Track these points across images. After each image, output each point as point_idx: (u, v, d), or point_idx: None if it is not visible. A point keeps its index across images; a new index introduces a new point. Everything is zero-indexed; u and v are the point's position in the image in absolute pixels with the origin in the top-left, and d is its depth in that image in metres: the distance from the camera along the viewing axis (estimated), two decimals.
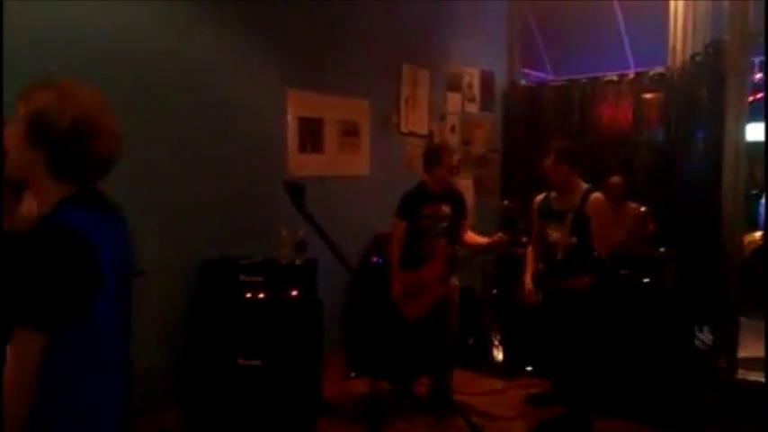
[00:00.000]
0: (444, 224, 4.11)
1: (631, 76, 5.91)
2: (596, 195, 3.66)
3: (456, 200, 4.20)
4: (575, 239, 3.51)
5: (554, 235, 3.68)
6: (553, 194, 3.81)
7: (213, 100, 4.11)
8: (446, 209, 4.11)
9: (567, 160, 3.67)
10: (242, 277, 3.85)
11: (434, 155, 4.15)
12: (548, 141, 6.11)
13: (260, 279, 3.84)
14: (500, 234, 4.05)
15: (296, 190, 2.08)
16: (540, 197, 3.91)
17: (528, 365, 4.79)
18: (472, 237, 4.18)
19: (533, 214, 3.95)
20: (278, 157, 4.53)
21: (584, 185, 3.71)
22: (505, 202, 5.59)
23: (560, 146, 3.79)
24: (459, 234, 4.15)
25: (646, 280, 4.06)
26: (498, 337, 4.98)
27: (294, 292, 3.87)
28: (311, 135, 4.74)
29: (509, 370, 4.79)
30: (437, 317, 4.03)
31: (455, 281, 4.19)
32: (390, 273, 4.13)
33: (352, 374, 4.73)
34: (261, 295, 3.83)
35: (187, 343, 3.87)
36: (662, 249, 4.44)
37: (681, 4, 5.38)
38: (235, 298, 3.83)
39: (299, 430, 3.78)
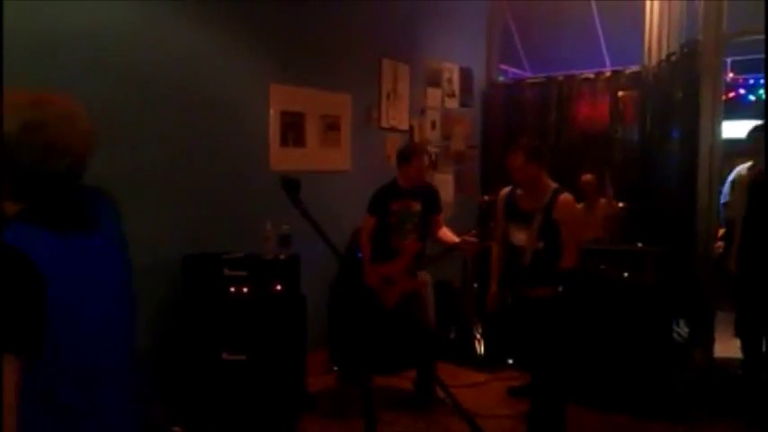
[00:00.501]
0: (414, 220, 4.13)
1: (608, 74, 6.01)
2: (565, 196, 3.50)
3: (428, 197, 4.21)
4: (541, 244, 3.43)
5: (519, 237, 3.57)
6: (519, 191, 3.62)
7: (197, 94, 4.07)
8: (416, 206, 4.14)
9: (537, 158, 3.49)
10: (226, 272, 3.83)
11: (405, 154, 4.18)
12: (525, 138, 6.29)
13: (244, 274, 3.82)
14: (470, 236, 4.01)
15: (292, 185, 2.08)
16: (504, 191, 3.75)
17: (509, 358, 4.86)
18: (445, 234, 4.18)
19: (498, 209, 3.83)
20: (260, 152, 4.50)
21: (553, 185, 3.55)
22: (485, 198, 5.64)
23: (529, 144, 3.63)
24: (432, 230, 4.18)
25: (625, 275, 4.14)
26: (480, 330, 5.03)
27: (278, 287, 3.86)
28: (293, 129, 4.72)
29: (491, 363, 4.85)
30: (407, 311, 4.05)
31: (425, 276, 4.21)
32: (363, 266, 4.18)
33: (335, 369, 4.73)
34: (245, 290, 3.81)
35: (171, 336, 3.83)
36: (639, 245, 4.53)
37: (656, 5, 5.49)
38: (219, 293, 3.80)
39: (284, 424, 3.78)
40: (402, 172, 4.16)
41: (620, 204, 5.01)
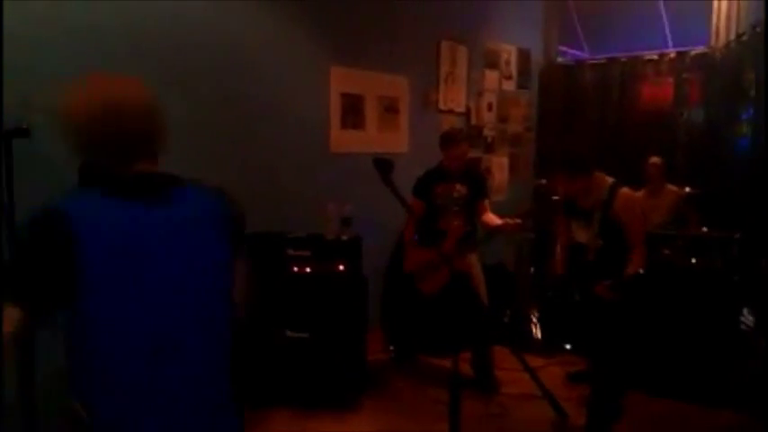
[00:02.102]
0: (459, 203, 4.13)
1: (672, 55, 5.84)
2: (624, 191, 3.42)
3: (474, 180, 4.21)
4: (601, 242, 3.37)
5: (580, 235, 3.55)
6: None
7: (258, 77, 4.13)
8: (461, 189, 4.13)
9: (582, 170, 3.39)
10: (289, 251, 3.90)
11: (445, 140, 4.17)
12: (583, 121, 6.18)
13: (307, 253, 3.88)
14: (516, 219, 4.00)
15: (384, 165, 2.10)
16: (562, 192, 3.71)
17: (566, 343, 4.82)
18: (490, 218, 4.15)
19: (558, 206, 3.78)
20: (321, 134, 4.55)
21: (609, 180, 3.46)
22: (542, 181, 5.57)
23: (571, 157, 3.50)
24: (479, 213, 4.16)
25: (693, 261, 4.04)
26: (536, 314, 5.01)
27: (341, 267, 3.91)
28: (352, 111, 4.75)
29: (548, 347, 4.81)
30: (455, 293, 4.05)
31: (473, 258, 4.19)
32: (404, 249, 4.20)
33: (391, 348, 4.78)
34: (308, 269, 3.88)
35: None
36: (704, 229, 4.41)
37: None
38: (282, 271, 3.88)
39: (345, 401, 3.84)
40: (444, 155, 4.17)
41: (687, 189, 4.87)
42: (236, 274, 1.55)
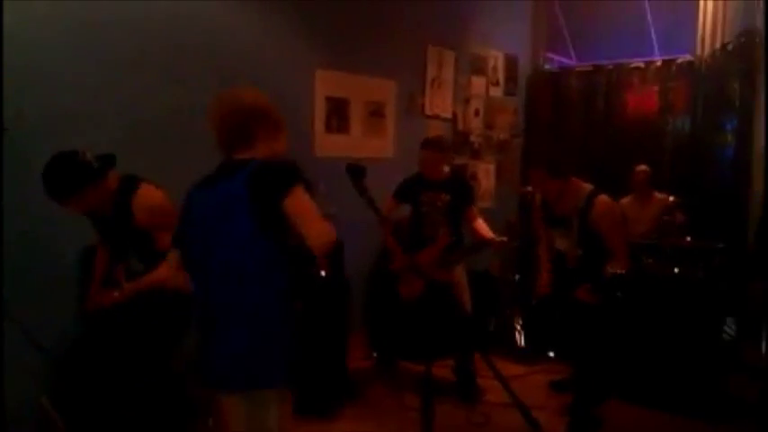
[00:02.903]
0: (443, 212, 4.10)
1: (658, 63, 5.85)
2: (602, 198, 3.37)
3: (457, 188, 4.16)
4: (580, 251, 3.35)
5: (560, 242, 3.53)
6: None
7: (243, 79, 4.07)
8: (445, 197, 4.10)
9: (558, 174, 3.38)
10: None
11: (422, 144, 4.13)
12: (570, 128, 6.18)
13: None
14: (502, 238, 4.01)
15: (357, 172, 2.07)
16: (539, 196, 3.69)
17: (550, 351, 4.80)
18: (480, 227, 4.10)
19: (536, 213, 3.75)
20: (305, 137, 4.51)
21: (586, 187, 3.43)
22: (527, 188, 5.55)
23: (549, 158, 3.50)
24: (468, 220, 4.12)
25: (675, 270, 4.03)
26: (520, 322, 4.98)
27: (321, 272, 3.85)
28: (337, 115, 4.72)
29: (531, 355, 4.79)
30: (435, 301, 4.01)
31: (459, 268, 4.15)
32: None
33: (374, 355, 4.74)
34: None
35: None
36: (688, 239, 4.41)
37: None
38: None
39: (325, 410, 3.79)
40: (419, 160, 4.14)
41: (672, 198, 4.87)
42: (290, 214, 1.91)
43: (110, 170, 2.61)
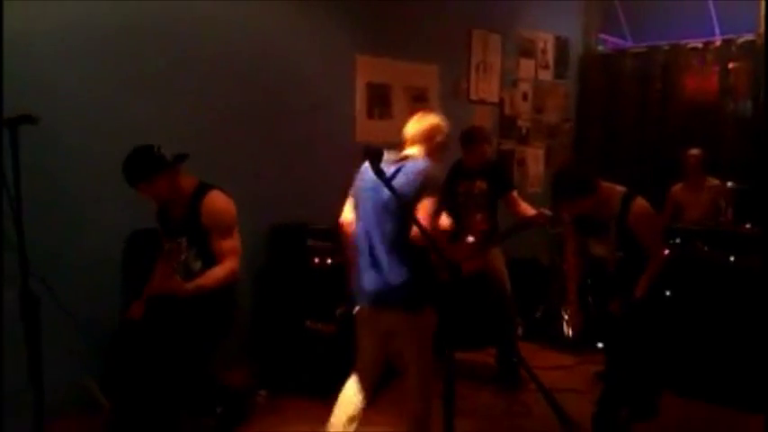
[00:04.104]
0: (481, 200, 4.03)
1: (718, 43, 5.57)
2: (638, 202, 3.22)
3: (494, 174, 4.09)
4: (621, 254, 3.22)
5: (598, 249, 3.38)
6: None
7: (283, 67, 4.10)
8: (482, 185, 4.04)
9: (584, 192, 3.19)
10: (310, 242, 3.87)
11: (465, 139, 4.03)
12: (624, 111, 5.96)
13: (327, 245, 3.84)
14: (547, 210, 3.88)
15: (373, 154, 2.04)
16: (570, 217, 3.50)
17: (598, 342, 4.65)
18: (523, 208, 4.03)
19: (566, 224, 3.59)
20: (346, 124, 4.50)
21: (620, 189, 3.27)
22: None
23: (570, 181, 3.27)
24: (510, 208, 4.04)
25: (731, 258, 3.83)
26: (567, 311, 4.85)
27: None
28: (379, 101, 4.69)
29: (579, 345, 4.66)
30: (474, 289, 3.93)
31: (495, 251, 4.08)
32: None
33: None
34: (328, 261, 3.84)
35: (258, 303, 3.93)
36: (747, 226, 4.19)
37: None
38: (303, 262, 3.85)
39: None
40: (463, 153, 4.07)
41: (730, 184, 4.62)
42: (421, 209, 2.45)
43: (180, 164, 2.85)
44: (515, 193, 4.10)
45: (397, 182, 2.46)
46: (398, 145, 2.77)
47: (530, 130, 5.90)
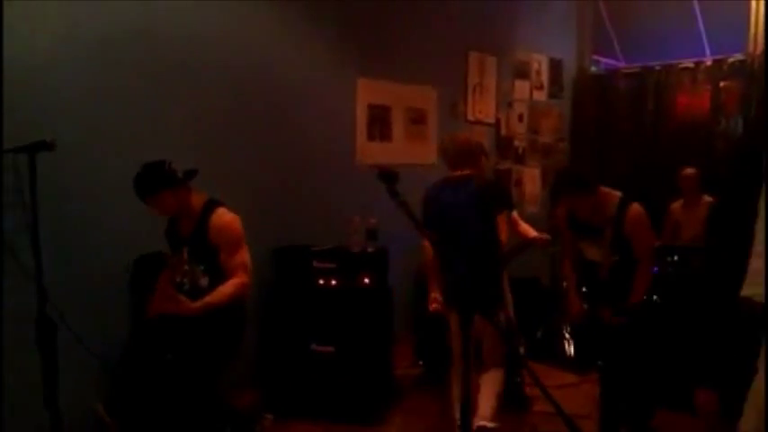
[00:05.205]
0: None
1: (709, 63, 5.69)
2: (635, 207, 3.26)
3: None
4: (617, 257, 3.26)
5: (592, 252, 3.41)
6: None
7: (284, 89, 4.14)
8: None
9: (590, 189, 3.26)
10: (315, 264, 3.88)
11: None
12: (617, 132, 6.04)
13: (332, 266, 3.86)
14: (545, 235, 3.85)
15: (389, 177, 2.06)
16: (563, 208, 3.54)
17: (599, 360, 4.67)
18: (524, 228, 4.03)
19: (561, 225, 3.61)
20: (347, 145, 4.54)
21: (616, 194, 3.32)
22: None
23: (570, 181, 3.37)
24: (511, 228, 4.03)
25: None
26: (569, 330, 4.88)
27: (366, 280, 3.87)
28: (379, 123, 4.74)
29: (581, 364, 4.68)
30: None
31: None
32: None
33: (420, 363, 4.71)
34: (333, 282, 3.86)
35: (263, 326, 3.92)
36: None
37: None
38: (308, 284, 3.86)
39: (371, 417, 3.78)
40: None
41: None
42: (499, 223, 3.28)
43: (189, 181, 2.89)
44: (515, 214, 4.13)
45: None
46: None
47: (526, 149, 5.97)
